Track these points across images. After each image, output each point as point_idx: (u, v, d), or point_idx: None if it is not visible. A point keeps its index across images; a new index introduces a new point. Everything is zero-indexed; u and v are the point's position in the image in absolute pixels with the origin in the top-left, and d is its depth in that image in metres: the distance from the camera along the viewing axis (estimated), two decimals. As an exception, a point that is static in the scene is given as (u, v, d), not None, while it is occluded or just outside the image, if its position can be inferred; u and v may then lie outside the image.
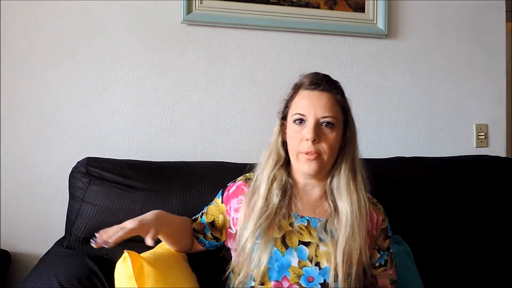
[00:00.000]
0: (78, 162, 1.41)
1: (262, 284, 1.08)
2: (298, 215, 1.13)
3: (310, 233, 1.11)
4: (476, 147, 1.98)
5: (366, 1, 1.84)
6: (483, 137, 2.00)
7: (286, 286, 1.07)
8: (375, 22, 1.85)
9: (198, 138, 1.71)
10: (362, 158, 1.18)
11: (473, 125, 1.99)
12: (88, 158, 1.41)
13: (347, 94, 1.17)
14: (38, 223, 1.57)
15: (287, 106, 1.17)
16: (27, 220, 1.57)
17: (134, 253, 1.08)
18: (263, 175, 1.15)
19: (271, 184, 1.13)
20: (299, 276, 1.08)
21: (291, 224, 1.12)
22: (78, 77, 1.62)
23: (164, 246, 1.28)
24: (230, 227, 1.20)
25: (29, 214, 1.58)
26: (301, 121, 1.10)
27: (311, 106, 1.09)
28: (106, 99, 1.64)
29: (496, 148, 2.00)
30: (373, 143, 1.87)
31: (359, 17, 1.84)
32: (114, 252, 1.23)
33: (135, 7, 1.66)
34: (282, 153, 1.16)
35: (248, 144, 1.75)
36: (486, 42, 2.01)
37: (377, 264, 1.18)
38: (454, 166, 1.70)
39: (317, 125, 1.08)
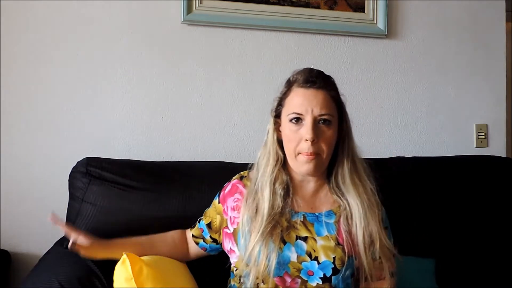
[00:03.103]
0: (78, 162, 1.41)
1: (263, 281, 1.07)
2: (294, 211, 1.13)
3: (306, 227, 1.11)
4: (476, 147, 1.98)
5: (366, 1, 1.84)
6: (483, 137, 2.00)
7: (289, 280, 1.08)
8: (375, 22, 1.85)
9: (198, 138, 1.71)
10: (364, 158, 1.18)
11: (473, 125, 1.99)
12: (88, 158, 1.42)
13: (347, 94, 1.18)
14: (38, 223, 1.57)
15: (280, 104, 1.15)
16: (27, 220, 1.57)
17: (133, 255, 1.09)
18: (264, 177, 1.13)
19: (274, 185, 1.11)
20: (299, 271, 1.08)
21: (287, 220, 1.11)
22: (78, 77, 1.62)
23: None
24: (227, 227, 1.18)
25: (29, 214, 1.58)
26: (298, 120, 1.08)
27: (308, 104, 1.07)
28: (106, 99, 1.64)
29: (496, 148, 2.00)
30: (373, 143, 1.86)
31: (359, 17, 1.84)
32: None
33: (135, 7, 1.66)
34: (280, 153, 1.15)
35: (248, 144, 1.75)
36: (486, 42, 2.01)
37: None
38: (454, 166, 1.70)
39: (315, 124, 1.07)
